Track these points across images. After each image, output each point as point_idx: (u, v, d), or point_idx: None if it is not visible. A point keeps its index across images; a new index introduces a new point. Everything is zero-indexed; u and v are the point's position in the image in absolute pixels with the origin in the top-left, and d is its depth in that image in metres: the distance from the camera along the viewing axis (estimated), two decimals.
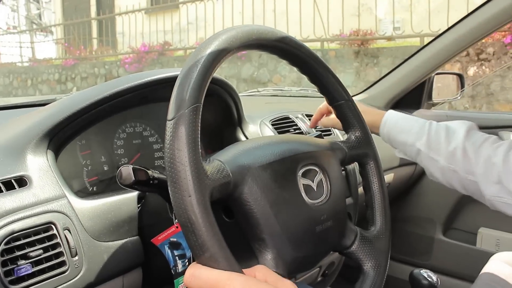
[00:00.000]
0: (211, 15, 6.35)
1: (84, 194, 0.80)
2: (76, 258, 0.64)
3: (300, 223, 0.58)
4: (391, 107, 1.69)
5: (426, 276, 0.89)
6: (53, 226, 0.63)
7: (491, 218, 1.50)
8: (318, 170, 0.63)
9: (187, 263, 0.69)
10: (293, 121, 1.15)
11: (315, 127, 1.18)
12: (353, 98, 0.72)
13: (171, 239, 0.70)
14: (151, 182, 0.58)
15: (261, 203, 0.55)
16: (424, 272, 0.90)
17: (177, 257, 0.70)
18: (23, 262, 0.59)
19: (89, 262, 0.66)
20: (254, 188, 0.55)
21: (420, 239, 1.66)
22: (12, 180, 0.64)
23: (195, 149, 0.47)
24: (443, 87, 1.72)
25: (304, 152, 0.63)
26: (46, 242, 0.62)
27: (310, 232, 0.60)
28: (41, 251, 0.61)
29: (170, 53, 7.01)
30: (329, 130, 1.23)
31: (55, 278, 0.62)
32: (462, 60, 4.18)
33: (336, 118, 0.74)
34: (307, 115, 1.21)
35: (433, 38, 1.51)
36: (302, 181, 0.60)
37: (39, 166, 0.68)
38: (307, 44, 0.76)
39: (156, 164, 0.93)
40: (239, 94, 0.95)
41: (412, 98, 1.67)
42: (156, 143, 0.93)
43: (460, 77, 1.74)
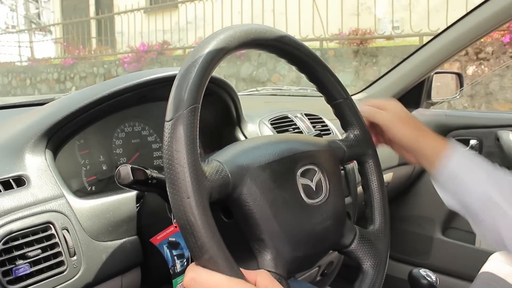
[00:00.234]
0: (210, 15, 6.34)
1: (82, 193, 0.80)
2: (75, 258, 0.64)
3: (299, 223, 0.58)
4: None
5: (425, 275, 0.89)
6: (51, 226, 0.63)
7: None
8: (317, 169, 0.63)
9: (186, 263, 0.69)
10: (292, 120, 1.15)
11: (314, 127, 1.18)
12: (352, 97, 0.72)
13: (169, 238, 0.69)
14: (150, 181, 0.58)
15: (260, 204, 0.54)
16: (423, 272, 0.90)
17: (175, 256, 0.70)
18: (21, 262, 0.59)
19: (87, 262, 0.66)
20: (253, 189, 0.54)
21: (419, 238, 1.66)
22: (10, 180, 0.64)
23: (193, 150, 0.46)
24: (442, 86, 1.72)
25: (302, 152, 0.63)
26: (44, 242, 0.62)
27: (309, 232, 0.59)
28: (39, 251, 0.61)
29: (169, 52, 7.00)
30: (328, 129, 1.23)
31: (53, 278, 0.62)
32: (461, 59, 4.18)
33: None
34: (306, 114, 1.21)
35: (432, 37, 1.51)
36: (301, 180, 0.60)
37: (37, 165, 0.68)
38: (306, 43, 0.76)
39: (155, 163, 0.93)
40: (238, 94, 0.95)
41: (411, 97, 1.66)
42: (155, 142, 0.93)
43: (459, 76, 1.74)
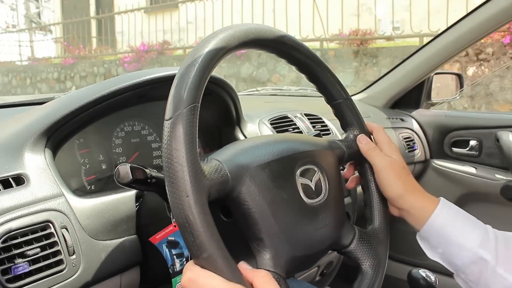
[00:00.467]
0: (211, 15, 6.35)
1: (82, 192, 0.80)
2: (74, 256, 0.64)
3: (298, 223, 0.58)
4: (390, 106, 1.69)
5: (424, 275, 0.89)
6: (50, 225, 0.63)
7: (490, 218, 1.50)
8: (316, 169, 0.63)
9: (185, 262, 0.69)
10: (292, 120, 1.15)
11: (313, 127, 1.18)
12: (352, 98, 0.72)
13: (169, 238, 0.69)
14: (149, 181, 0.58)
15: (259, 203, 0.54)
16: (422, 272, 0.90)
17: (175, 256, 0.70)
18: (20, 260, 0.59)
19: (86, 260, 0.66)
20: (252, 188, 0.54)
21: None
22: (10, 179, 0.64)
23: (192, 149, 0.46)
24: (442, 87, 1.72)
25: (302, 152, 0.63)
26: (43, 241, 0.62)
27: (308, 232, 0.59)
28: (38, 249, 0.61)
29: (169, 52, 7.00)
30: (327, 129, 1.23)
31: (52, 276, 0.61)
32: (461, 60, 4.18)
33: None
34: (306, 115, 1.21)
35: (432, 38, 1.51)
36: (300, 180, 0.60)
37: (37, 164, 0.68)
38: (307, 43, 0.76)
39: (154, 163, 0.93)
40: (238, 94, 0.95)
41: (411, 97, 1.67)
42: (154, 142, 0.93)
43: (459, 77, 1.74)
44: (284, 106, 1.28)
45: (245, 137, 0.99)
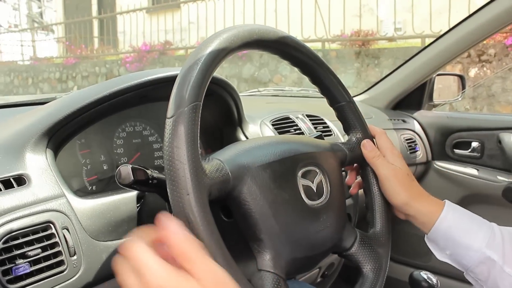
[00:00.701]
0: (213, 15, 6.35)
1: (83, 193, 0.80)
2: (75, 257, 0.64)
3: (299, 224, 0.58)
4: (392, 107, 1.69)
5: (426, 277, 0.89)
6: (51, 225, 0.63)
7: (492, 220, 1.50)
8: (318, 171, 0.63)
9: None
10: (293, 121, 1.15)
11: (315, 128, 1.18)
12: (354, 99, 0.72)
13: None
14: (150, 181, 0.58)
15: (259, 203, 0.54)
16: (424, 274, 0.90)
17: None
18: (21, 261, 0.59)
19: (87, 261, 0.65)
20: (253, 188, 0.54)
21: (420, 240, 1.64)
22: (11, 179, 0.64)
23: (194, 147, 0.46)
24: (444, 88, 1.71)
25: (304, 153, 0.62)
26: (44, 241, 0.62)
27: (309, 233, 0.59)
28: (39, 250, 0.61)
29: (171, 52, 7.01)
30: (329, 131, 1.23)
31: (53, 277, 0.61)
32: (463, 62, 4.18)
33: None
34: (308, 116, 1.21)
35: (434, 39, 1.51)
36: (302, 181, 0.60)
37: (38, 164, 0.68)
38: (308, 44, 0.76)
39: (156, 163, 0.93)
40: (240, 94, 0.95)
41: (413, 99, 1.66)
42: (156, 142, 0.93)
43: (461, 78, 1.74)
44: (285, 107, 1.28)
45: (246, 138, 0.99)
